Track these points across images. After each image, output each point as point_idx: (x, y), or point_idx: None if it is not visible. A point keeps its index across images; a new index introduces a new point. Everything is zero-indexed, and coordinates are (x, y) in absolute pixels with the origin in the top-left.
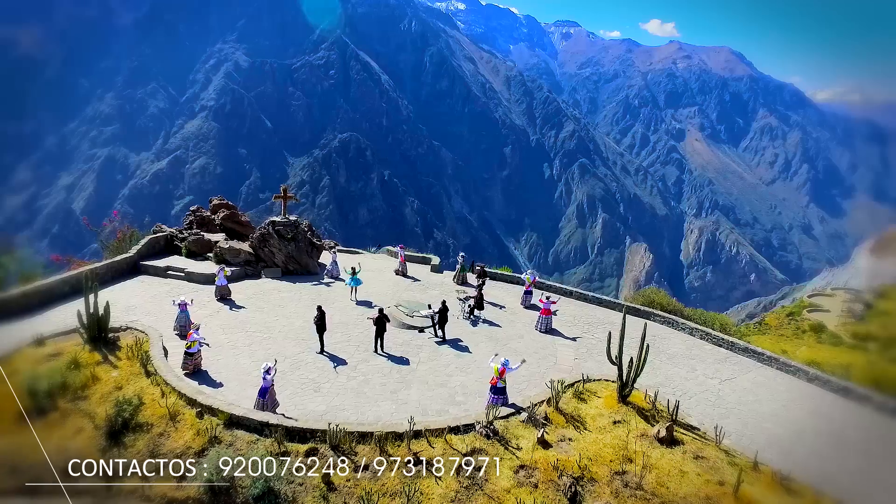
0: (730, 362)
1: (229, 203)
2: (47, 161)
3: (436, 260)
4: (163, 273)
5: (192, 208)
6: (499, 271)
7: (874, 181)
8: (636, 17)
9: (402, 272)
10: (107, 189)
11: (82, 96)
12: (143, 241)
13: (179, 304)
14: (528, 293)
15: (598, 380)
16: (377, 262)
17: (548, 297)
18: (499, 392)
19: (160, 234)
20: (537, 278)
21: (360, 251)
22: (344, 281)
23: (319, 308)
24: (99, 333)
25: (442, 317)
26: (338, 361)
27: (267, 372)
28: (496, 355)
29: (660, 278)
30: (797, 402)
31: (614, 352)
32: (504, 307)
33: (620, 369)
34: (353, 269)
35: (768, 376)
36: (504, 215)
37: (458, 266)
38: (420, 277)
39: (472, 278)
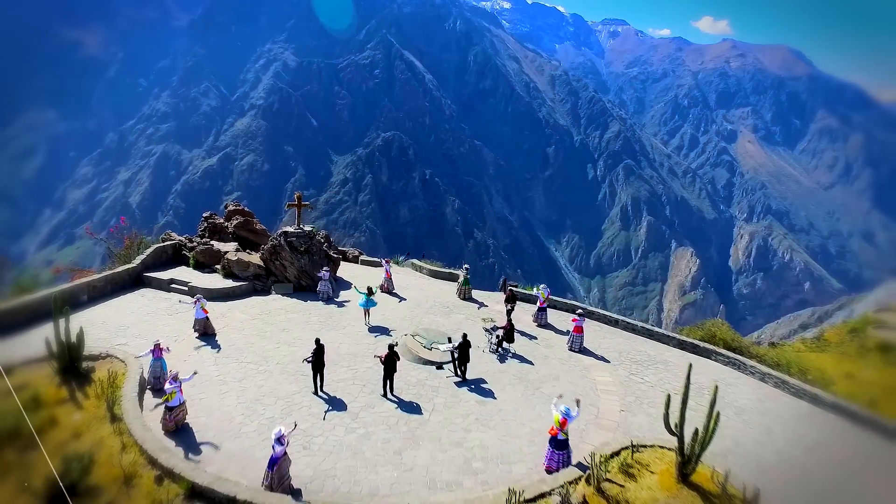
0: (815, 422)
1: (245, 209)
2: (107, 157)
3: (463, 276)
4: (166, 286)
5: (205, 214)
6: (530, 292)
7: None
8: (687, 15)
9: (386, 289)
10: (161, 184)
11: (140, 95)
12: (148, 251)
13: (152, 350)
14: (541, 310)
15: (652, 446)
16: (399, 278)
17: (580, 314)
18: (560, 446)
19: (168, 242)
20: (550, 293)
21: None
22: (349, 301)
23: (318, 342)
24: (71, 364)
25: (462, 353)
26: (337, 406)
27: (279, 441)
28: (559, 397)
29: (706, 284)
30: None
31: (674, 419)
32: (536, 338)
33: (682, 442)
34: (368, 289)
35: (872, 444)
36: (545, 216)
37: (460, 278)
38: (445, 296)
39: (476, 301)
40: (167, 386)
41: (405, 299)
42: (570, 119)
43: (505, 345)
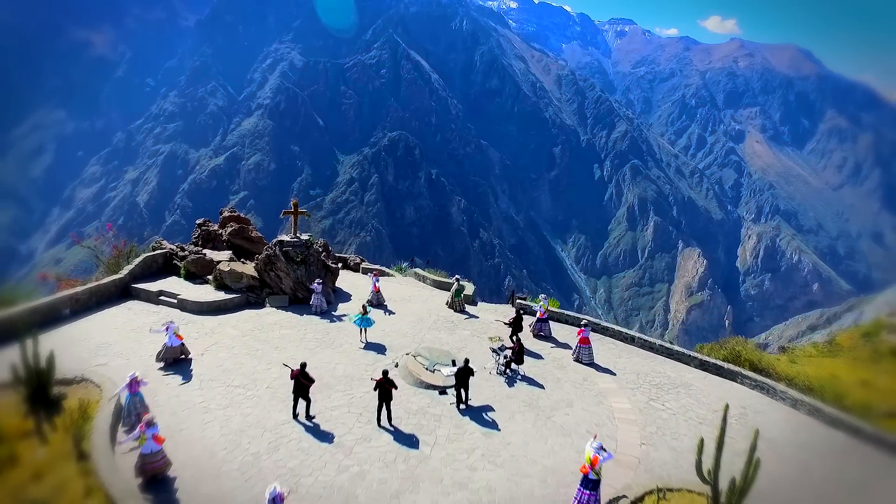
0: (856, 455)
1: (240, 215)
2: (115, 156)
3: (469, 288)
4: (154, 298)
5: (198, 221)
6: (555, 309)
7: None
8: (695, 14)
9: (374, 303)
10: (168, 183)
11: (148, 95)
12: (137, 260)
13: (128, 385)
14: (541, 322)
15: (679, 490)
16: (402, 288)
17: (586, 324)
18: (591, 486)
19: (159, 251)
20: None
21: (388, 270)
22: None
23: (303, 367)
24: (40, 389)
25: (462, 378)
26: (329, 439)
27: (274, 501)
28: (594, 438)
29: (713, 285)
30: None
31: (708, 465)
32: (544, 357)
33: (716, 492)
34: (363, 307)
35: None
36: (551, 216)
37: (452, 289)
38: (447, 310)
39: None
40: (137, 432)
41: (393, 313)
42: (576, 119)
43: (514, 366)
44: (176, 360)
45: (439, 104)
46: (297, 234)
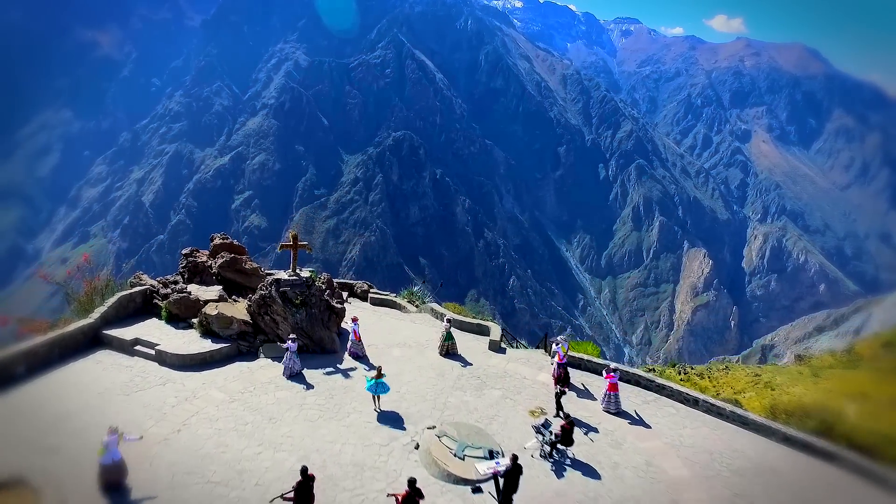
0: None
1: (234, 243)
2: (121, 156)
3: (496, 332)
4: (129, 348)
5: (184, 251)
6: (578, 354)
7: None
8: (700, 13)
9: (352, 353)
10: (173, 183)
11: (153, 94)
12: (111, 300)
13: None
14: (561, 366)
15: None
16: (416, 329)
17: (614, 370)
18: None
19: (137, 288)
20: (569, 348)
21: (398, 300)
22: (365, 369)
23: (304, 473)
24: None
25: (510, 482)
26: None
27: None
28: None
29: (719, 285)
30: None
31: None
32: (597, 430)
33: None
34: (377, 370)
35: None
36: (556, 216)
37: (443, 331)
38: (473, 360)
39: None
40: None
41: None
42: (581, 118)
43: (560, 446)
44: (109, 486)
45: (444, 104)
46: (297, 271)
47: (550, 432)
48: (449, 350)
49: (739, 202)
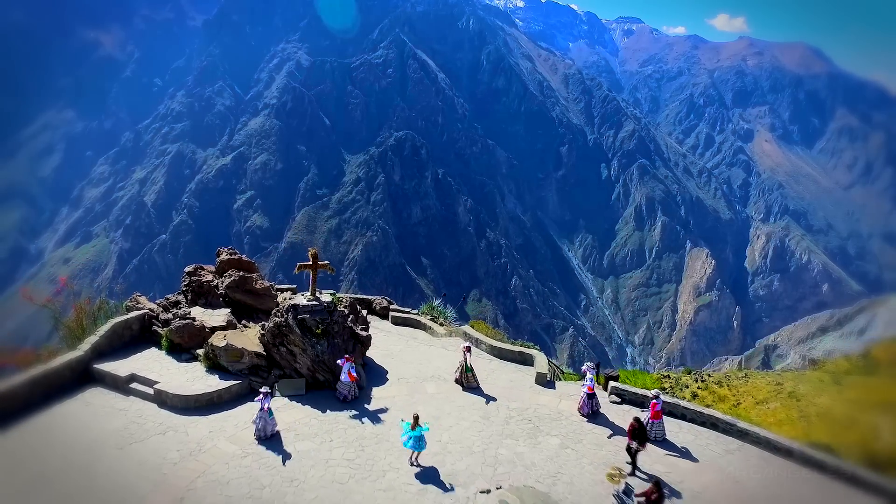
0: None
1: (242, 258)
2: (123, 156)
3: (542, 362)
4: (124, 386)
5: (187, 269)
6: (634, 389)
7: None
8: (702, 13)
9: (346, 395)
10: (176, 183)
11: (156, 94)
12: (104, 328)
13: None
14: (591, 397)
15: None
16: (450, 357)
17: (657, 395)
18: None
19: (134, 314)
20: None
21: (419, 317)
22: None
23: None
24: None
25: None
26: None
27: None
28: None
29: (721, 285)
30: None
31: None
32: (680, 494)
33: None
34: (415, 417)
35: None
36: (558, 216)
37: (460, 362)
38: (518, 397)
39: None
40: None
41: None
42: (583, 118)
43: None
44: None
45: (446, 104)
46: (317, 295)
47: (633, 500)
48: (468, 383)
49: (742, 202)
